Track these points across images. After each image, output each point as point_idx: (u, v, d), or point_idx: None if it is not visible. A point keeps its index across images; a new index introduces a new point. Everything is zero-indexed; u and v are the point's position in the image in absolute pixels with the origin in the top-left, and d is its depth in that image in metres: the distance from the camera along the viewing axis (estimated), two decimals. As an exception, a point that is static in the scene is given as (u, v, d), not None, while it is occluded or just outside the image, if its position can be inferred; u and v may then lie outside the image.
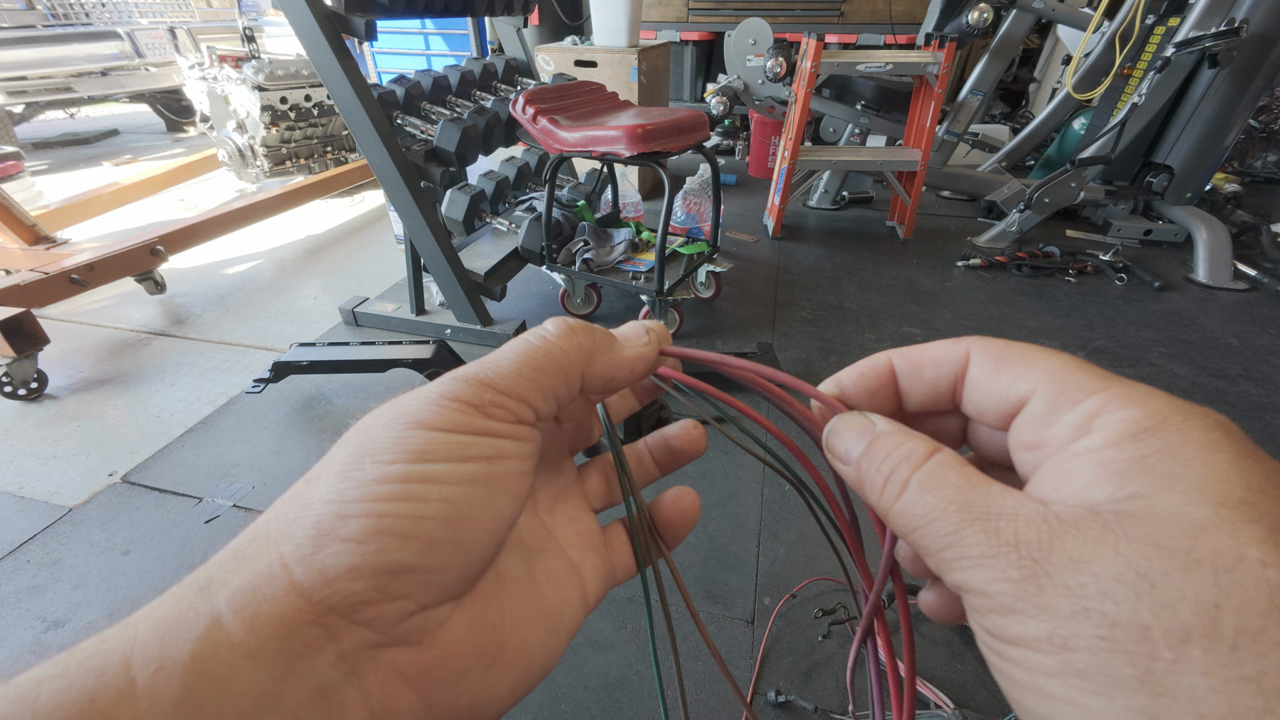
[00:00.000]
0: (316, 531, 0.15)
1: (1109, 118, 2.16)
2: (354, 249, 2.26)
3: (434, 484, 0.16)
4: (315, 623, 0.14)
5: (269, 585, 0.14)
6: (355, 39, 1.31)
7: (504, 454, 0.17)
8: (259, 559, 0.15)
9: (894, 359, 0.20)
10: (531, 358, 0.18)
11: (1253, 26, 1.77)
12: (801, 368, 1.46)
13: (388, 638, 0.15)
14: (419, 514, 0.15)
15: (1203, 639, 0.11)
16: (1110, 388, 0.15)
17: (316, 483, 0.16)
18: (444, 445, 0.16)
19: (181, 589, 0.14)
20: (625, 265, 1.56)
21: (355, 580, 0.14)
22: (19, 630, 0.87)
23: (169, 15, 4.10)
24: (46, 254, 1.81)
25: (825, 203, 2.55)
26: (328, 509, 0.15)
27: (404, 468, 0.15)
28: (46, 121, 4.48)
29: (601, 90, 1.58)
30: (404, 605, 0.15)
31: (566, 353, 0.19)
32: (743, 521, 1.04)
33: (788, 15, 3.42)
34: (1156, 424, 0.13)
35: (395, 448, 0.16)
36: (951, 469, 0.16)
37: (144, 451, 1.21)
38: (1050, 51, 3.51)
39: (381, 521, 0.15)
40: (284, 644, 0.14)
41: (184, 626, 0.13)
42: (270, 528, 0.15)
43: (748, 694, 0.78)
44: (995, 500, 0.14)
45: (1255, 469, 0.13)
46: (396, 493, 0.15)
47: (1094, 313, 1.73)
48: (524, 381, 0.18)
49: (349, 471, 0.15)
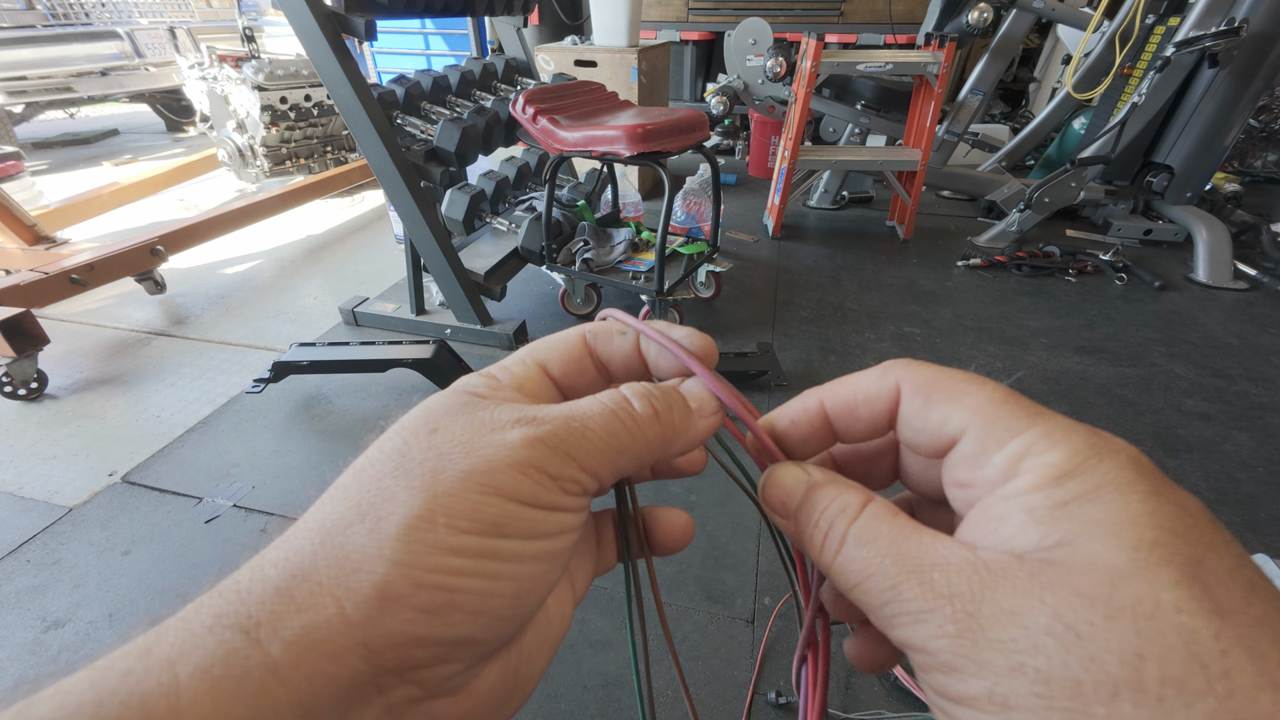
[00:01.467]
0: (383, 594, 0.14)
1: (1109, 117, 2.16)
2: (354, 249, 2.26)
3: (507, 562, 0.16)
4: (371, 681, 0.14)
5: (328, 642, 0.13)
6: (355, 39, 1.31)
7: (568, 529, 0.17)
8: (314, 608, 0.14)
9: (824, 400, 0.20)
10: (617, 439, 0.18)
11: (1253, 26, 1.77)
12: (801, 367, 1.46)
13: (432, 694, 0.15)
14: (490, 591, 0.15)
15: (1131, 692, 0.11)
16: (1035, 425, 0.15)
17: (376, 526, 0.15)
18: (519, 521, 0.16)
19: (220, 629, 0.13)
20: (625, 265, 1.57)
21: (420, 649, 0.14)
22: (19, 630, 0.87)
23: (169, 15, 4.10)
24: (46, 254, 1.81)
25: (825, 202, 2.55)
26: (397, 571, 0.14)
27: (479, 541, 0.15)
28: (46, 121, 4.48)
29: (601, 90, 1.58)
30: (455, 668, 0.15)
31: (649, 443, 0.18)
32: (742, 521, 1.04)
33: (787, 15, 3.42)
34: (1076, 465, 0.14)
35: (471, 514, 0.15)
36: (885, 520, 0.16)
37: (144, 451, 1.21)
38: (1050, 51, 3.51)
39: (454, 597, 0.15)
40: (338, 703, 0.14)
41: (238, 682, 0.13)
42: (320, 569, 0.14)
43: (748, 693, 0.78)
44: (927, 550, 0.14)
45: (1164, 508, 0.13)
46: (470, 568, 0.15)
47: (1094, 312, 1.73)
48: (604, 460, 0.17)
49: (420, 532, 0.15)
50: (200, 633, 0.13)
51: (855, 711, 0.75)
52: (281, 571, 0.14)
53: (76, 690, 0.12)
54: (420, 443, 0.16)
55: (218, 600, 0.14)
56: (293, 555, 0.15)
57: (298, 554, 0.15)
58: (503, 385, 0.19)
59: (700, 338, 0.21)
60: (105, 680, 0.12)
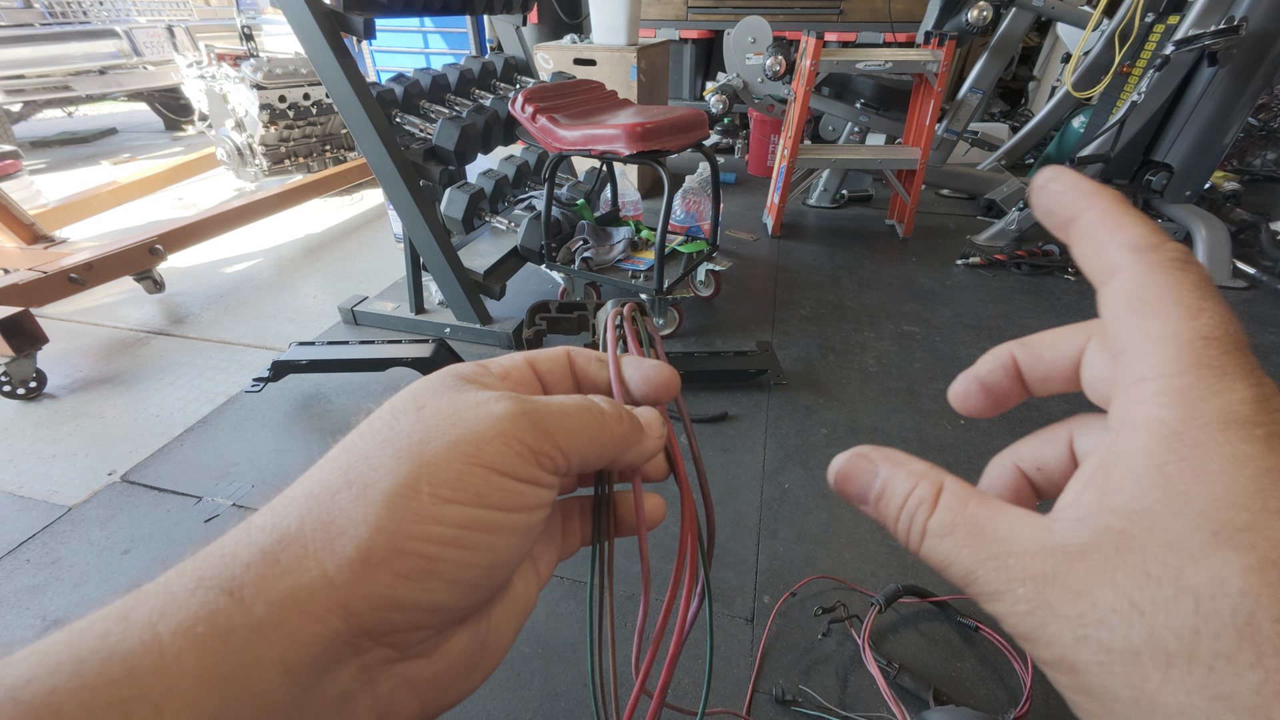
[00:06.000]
0: (366, 558, 0.15)
1: (1108, 116, 2.16)
2: (353, 248, 2.25)
3: (485, 533, 0.16)
4: (348, 642, 0.15)
5: (311, 602, 0.14)
6: (354, 37, 1.30)
7: (542, 504, 0.18)
8: (299, 570, 0.14)
9: (1015, 352, 0.20)
10: (592, 429, 0.19)
11: (1252, 24, 1.76)
12: (801, 366, 1.46)
13: (405, 655, 0.16)
14: (468, 561, 0.16)
15: (1184, 662, 0.12)
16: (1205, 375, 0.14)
17: (363, 493, 0.15)
18: (501, 492, 0.17)
19: (204, 591, 0.14)
20: (624, 264, 1.56)
21: (397, 612, 0.15)
22: (19, 630, 0.87)
23: (167, 13, 4.09)
24: (45, 253, 1.80)
25: (824, 201, 2.55)
26: (380, 537, 0.15)
27: (462, 512, 0.16)
28: (44, 120, 4.47)
29: (601, 88, 1.58)
30: (428, 632, 0.16)
31: (616, 441, 0.20)
32: (742, 519, 1.04)
33: (787, 13, 3.41)
34: (1194, 428, 0.13)
35: (455, 484, 0.16)
36: (959, 511, 0.16)
37: (143, 450, 1.21)
38: (1050, 49, 3.51)
39: (434, 565, 0.15)
40: (318, 660, 0.14)
41: (222, 639, 0.13)
42: (306, 534, 0.15)
43: (747, 692, 0.78)
44: (1003, 538, 0.15)
45: (1275, 491, 0.12)
46: (452, 538, 0.16)
47: (1093, 311, 1.70)
48: (580, 445, 0.19)
49: (405, 500, 0.15)
50: (182, 595, 0.14)
51: (856, 711, 0.75)
52: (269, 536, 0.15)
53: (53, 650, 0.12)
54: (408, 418, 0.17)
55: (201, 564, 0.14)
56: (279, 521, 0.15)
57: (284, 519, 0.15)
58: (491, 372, 0.21)
59: (661, 370, 0.23)
60: (84, 641, 0.12)
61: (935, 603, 0.87)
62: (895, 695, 0.74)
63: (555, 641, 0.84)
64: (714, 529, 0.26)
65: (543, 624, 0.86)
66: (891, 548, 0.98)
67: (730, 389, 1.37)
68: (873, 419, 1.28)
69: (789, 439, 1.22)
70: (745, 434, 1.24)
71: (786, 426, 1.26)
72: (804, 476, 1.13)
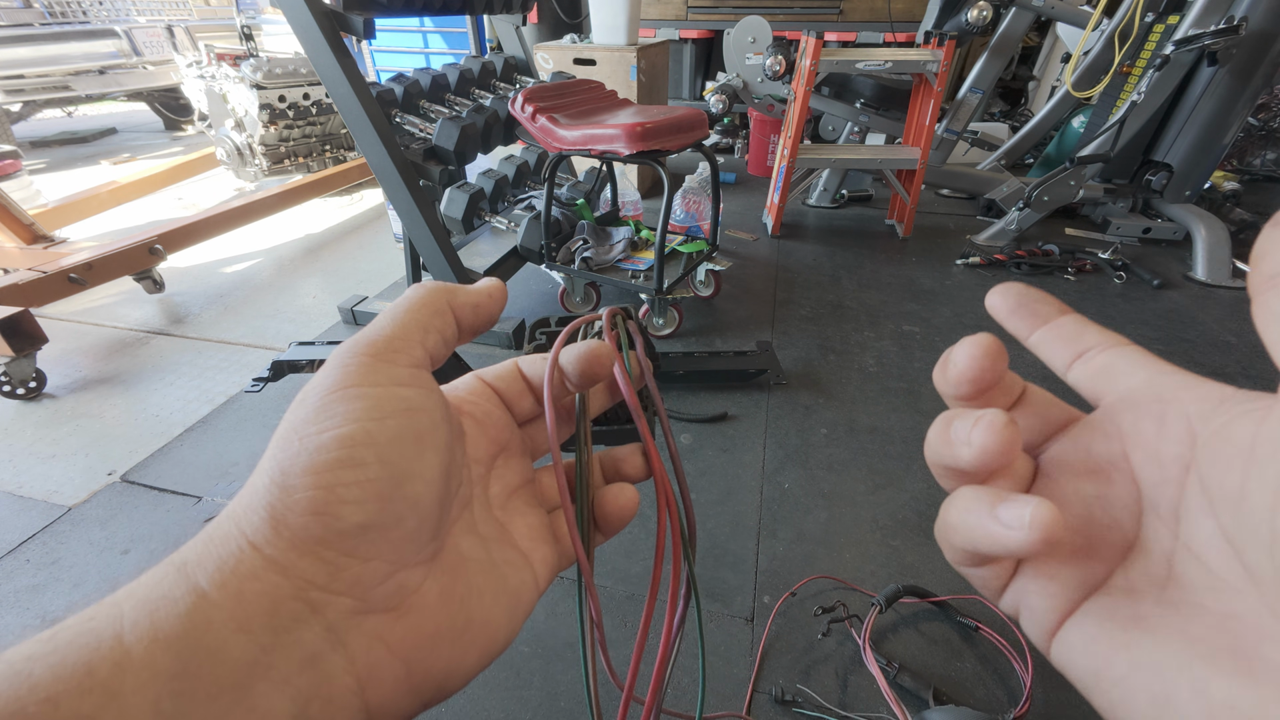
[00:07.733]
0: (272, 514, 0.15)
1: (1108, 116, 2.16)
2: (353, 248, 2.25)
3: (366, 446, 0.16)
4: (297, 598, 0.15)
5: (244, 564, 0.15)
6: (354, 37, 1.30)
7: (416, 407, 0.18)
8: (227, 542, 0.15)
9: None
10: (397, 307, 0.20)
11: (1252, 24, 1.76)
12: (801, 366, 1.46)
13: (367, 604, 0.16)
14: (363, 477, 0.16)
15: None
16: None
17: (263, 465, 0.17)
18: (361, 404, 0.17)
19: (160, 570, 0.15)
20: (624, 264, 1.56)
21: (325, 549, 0.15)
22: (19, 630, 0.87)
23: (167, 13, 4.09)
24: (44, 253, 1.80)
25: (824, 201, 2.55)
26: (274, 491, 0.16)
27: (334, 434, 0.16)
28: (44, 120, 4.47)
29: (600, 88, 1.58)
30: (378, 566, 0.16)
31: (426, 291, 0.21)
32: (741, 519, 1.04)
33: (787, 13, 3.41)
34: None
35: (319, 418, 0.16)
36: None
37: (143, 450, 1.21)
38: (1049, 49, 3.51)
39: (333, 491, 0.16)
40: (271, 618, 0.15)
41: (172, 602, 0.14)
42: (236, 513, 0.16)
43: (747, 692, 0.78)
44: None
45: None
46: (335, 460, 0.16)
47: (1093, 311, 1.73)
48: (403, 328, 0.19)
49: (284, 451, 0.16)
50: (145, 579, 0.15)
51: (856, 711, 0.75)
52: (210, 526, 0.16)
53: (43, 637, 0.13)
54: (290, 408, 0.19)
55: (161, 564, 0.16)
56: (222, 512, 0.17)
57: (224, 510, 0.17)
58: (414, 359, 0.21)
59: (588, 345, 0.23)
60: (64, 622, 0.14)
61: (935, 603, 0.87)
62: (895, 695, 0.74)
63: (555, 641, 0.84)
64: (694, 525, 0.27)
65: (542, 624, 0.86)
66: (891, 547, 0.98)
67: (730, 389, 1.37)
68: (873, 419, 1.29)
69: (789, 439, 1.22)
70: (745, 434, 1.24)
71: (786, 426, 1.26)
72: (804, 476, 1.13)
